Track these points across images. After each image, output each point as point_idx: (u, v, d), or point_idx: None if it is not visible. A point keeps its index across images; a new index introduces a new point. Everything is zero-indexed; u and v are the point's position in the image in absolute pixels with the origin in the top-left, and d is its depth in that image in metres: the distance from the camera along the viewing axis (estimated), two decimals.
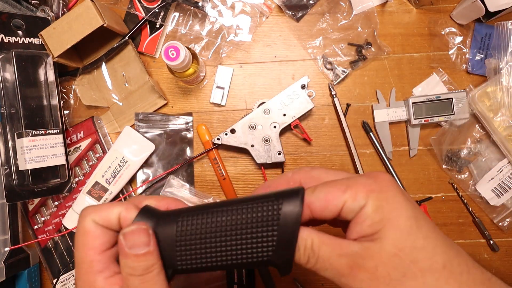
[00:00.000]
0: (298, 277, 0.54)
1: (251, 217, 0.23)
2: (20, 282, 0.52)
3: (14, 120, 0.47)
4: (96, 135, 0.54)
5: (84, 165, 0.55)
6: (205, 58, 0.56)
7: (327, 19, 0.56)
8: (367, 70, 0.56)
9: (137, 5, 0.55)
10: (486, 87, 0.52)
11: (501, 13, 0.52)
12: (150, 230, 0.23)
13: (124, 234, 0.23)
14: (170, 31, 0.57)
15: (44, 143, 0.47)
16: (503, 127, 0.52)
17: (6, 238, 0.50)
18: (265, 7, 0.56)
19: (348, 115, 0.56)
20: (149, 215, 0.24)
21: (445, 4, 0.56)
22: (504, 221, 0.54)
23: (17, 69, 0.46)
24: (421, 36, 0.56)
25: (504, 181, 0.53)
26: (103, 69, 0.55)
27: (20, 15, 0.48)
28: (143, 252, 0.22)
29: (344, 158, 0.56)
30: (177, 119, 0.56)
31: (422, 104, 0.53)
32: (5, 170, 0.46)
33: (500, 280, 0.22)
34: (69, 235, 0.54)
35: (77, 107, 0.57)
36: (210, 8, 0.55)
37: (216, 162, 0.55)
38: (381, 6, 0.56)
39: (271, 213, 0.23)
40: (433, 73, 0.55)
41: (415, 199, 0.55)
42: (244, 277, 0.51)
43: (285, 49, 0.57)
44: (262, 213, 0.23)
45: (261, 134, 0.52)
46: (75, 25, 0.47)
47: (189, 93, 0.57)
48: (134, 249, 0.22)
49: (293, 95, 0.52)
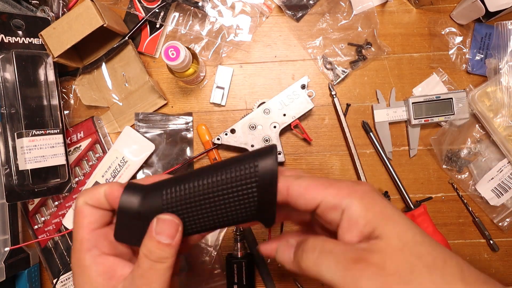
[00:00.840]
0: (298, 277, 0.54)
1: (230, 177, 0.24)
2: (20, 282, 0.52)
3: (14, 120, 0.47)
4: (96, 135, 0.54)
5: (84, 165, 0.55)
6: (205, 58, 0.56)
7: (327, 19, 0.56)
8: (367, 70, 0.56)
9: (137, 5, 0.55)
10: (486, 87, 0.52)
11: (501, 13, 0.52)
12: (180, 227, 0.24)
13: (158, 219, 0.24)
14: (170, 31, 0.57)
15: (44, 143, 0.47)
16: (503, 127, 0.52)
17: (6, 238, 0.50)
18: (265, 7, 0.56)
19: (348, 115, 0.56)
20: (135, 190, 0.25)
21: (445, 4, 0.56)
22: (504, 221, 0.54)
23: (17, 69, 0.46)
24: (421, 36, 0.56)
25: (504, 181, 0.53)
26: (103, 69, 0.55)
27: (20, 15, 0.48)
28: (166, 242, 0.24)
29: (344, 158, 0.56)
30: (177, 119, 0.56)
31: (422, 104, 0.53)
32: (5, 170, 0.46)
33: (495, 281, 0.22)
34: (69, 235, 0.54)
35: (77, 107, 0.57)
36: (210, 8, 0.55)
37: (216, 162, 0.55)
38: (381, 6, 0.56)
39: (249, 172, 0.24)
40: (433, 73, 0.55)
41: (415, 199, 0.55)
42: (244, 277, 0.51)
43: (285, 49, 0.57)
44: (241, 174, 0.24)
45: (261, 134, 0.52)
46: (75, 25, 0.47)
47: (189, 93, 0.57)
48: (160, 236, 0.24)
49: (293, 95, 0.52)
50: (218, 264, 0.54)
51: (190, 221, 0.25)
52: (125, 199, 0.25)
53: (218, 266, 0.54)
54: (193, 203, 0.24)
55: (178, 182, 0.25)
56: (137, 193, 0.25)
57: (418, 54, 0.56)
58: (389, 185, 0.55)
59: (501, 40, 0.52)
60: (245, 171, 0.24)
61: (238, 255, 0.51)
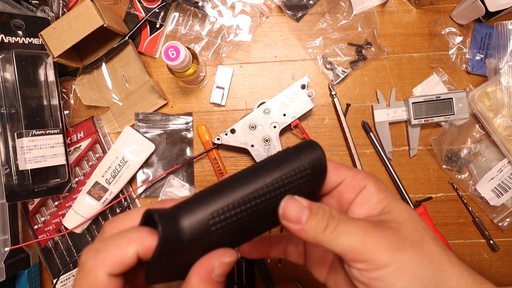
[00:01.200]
0: (298, 277, 0.54)
1: (286, 174, 0.22)
2: (20, 282, 0.52)
3: (14, 120, 0.47)
4: (96, 135, 0.54)
5: (84, 165, 0.55)
6: (205, 58, 0.56)
7: (327, 19, 0.56)
8: (367, 70, 0.56)
9: (137, 5, 0.55)
10: (486, 87, 0.52)
11: (501, 13, 0.52)
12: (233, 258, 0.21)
13: (220, 263, 0.20)
14: (170, 31, 0.57)
15: (44, 143, 0.47)
16: (503, 127, 0.52)
17: (6, 238, 0.50)
18: (265, 7, 0.56)
19: (348, 115, 0.56)
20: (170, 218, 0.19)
21: (445, 4, 0.56)
22: (504, 221, 0.54)
23: (17, 69, 0.46)
24: (421, 36, 0.56)
25: (504, 181, 0.53)
26: (103, 69, 0.55)
27: (20, 15, 0.48)
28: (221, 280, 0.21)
29: (344, 158, 0.56)
30: (177, 119, 0.56)
31: (422, 104, 0.53)
32: (5, 170, 0.46)
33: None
34: (69, 235, 0.54)
35: (77, 107, 0.57)
36: (210, 8, 0.55)
37: (216, 162, 0.55)
38: (381, 6, 0.56)
39: (302, 163, 0.23)
40: (433, 73, 0.55)
41: (415, 199, 0.55)
42: (244, 277, 0.51)
43: (285, 49, 0.57)
44: (294, 168, 0.23)
45: (261, 134, 0.52)
46: (75, 25, 0.47)
47: (189, 93, 0.57)
48: (219, 276, 0.20)
49: (293, 95, 0.52)
50: None
51: (243, 231, 0.22)
52: (167, 233, 0.19)
53: None
54: (246, 212, 0.21)
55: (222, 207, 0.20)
56: (173, 221, 0.19)
57: (418, 54, 0.56)
58: (389, 185, 0.55)
59: (501, 40, 0.52)
60: (298, 164, 0.23)
61: (238, 255, 0.51)
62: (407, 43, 0.56)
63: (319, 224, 0.22)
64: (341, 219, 0.23)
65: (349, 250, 0.22)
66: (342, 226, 0.22)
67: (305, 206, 0.22)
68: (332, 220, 0.22)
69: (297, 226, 0.22)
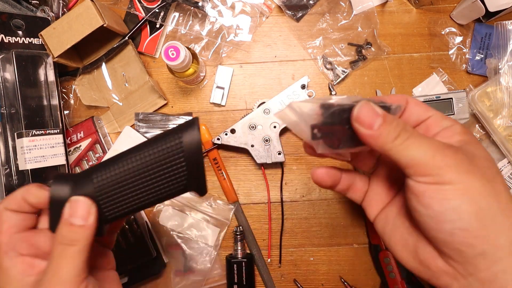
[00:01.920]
0: (298, 278, 0.54)
1: (159, 156, 0.24)
2: None
3: (14, 120, 0.47)
4: (96, 135, 0.54)
5: (84, 165, 0.55)
6: (205, 58, 0.56)
7: (327, 19, 0.56)
8: (367, 70, 0.56)
9: (137, 5, 0.55)
10: (486, 87, 0.52)
11: (501, 13, 0.52)
12: (93, 208, 0.24)
13: (70, 201, 0.25)
14: (170, 31, 0.57)
15: (44, 143, 0.47)
16: (503, 127, 0.52)
17: None
18: (265, 7, 0.56)
19: None
20: (64, 180, 0.25)
21: (445, 4, 0.56)
22: None
23: (17, 69, 0.46)
24: (421, 36, 0.56)
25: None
26: (103, 69, 0.55)
27: (20, 15, 0.48)
28: (79, 224, 0.24)
29: None
30: (177, 119, 0.56)
31: None
32: (5, 170, 0.46)
33: None
34: None
35: (77, 107, 0.57)
36: (210, 8, 0.55)
37: (216, 162, 0.55)
38: (381, 6, 0.56)
39: (175, 147, 0.24)
40: (433, 73, 0.55)
41: None
42: (244, 277, 0.51)
43: (285, 49, 0.57)
44: (167, 150, 0.24)
45: (261, 134, 0.52)
46: (75, 25, 0.47)
47: (189, 93, 0.57)
48: (72, 218, 0.24)
49: (293, 95, 0.52)
50: (218, 264, 0.54)
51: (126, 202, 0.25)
52: (55, 189, 0.25)
53: (218, 266, 0.54)
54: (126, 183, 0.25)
55: (107, 167, 0.25)
56: (67, 182, 0.25)
57: (418, 54, 0.56)
58: None
59: (501, 40, 0.52)
60: (170, 144, 0.24)
61: (238, 255, 0.51)
62: (407, 43, 0.56)
63: (390, 133, 0.22)
64: (414, 133, 0.23)
65: (415, 162, 0.22)
66: (413, 139, 0.22)
67: (379, 114, 0.23)
68: (405, 132, 0.22)
69: (368, 131, 0.22)
